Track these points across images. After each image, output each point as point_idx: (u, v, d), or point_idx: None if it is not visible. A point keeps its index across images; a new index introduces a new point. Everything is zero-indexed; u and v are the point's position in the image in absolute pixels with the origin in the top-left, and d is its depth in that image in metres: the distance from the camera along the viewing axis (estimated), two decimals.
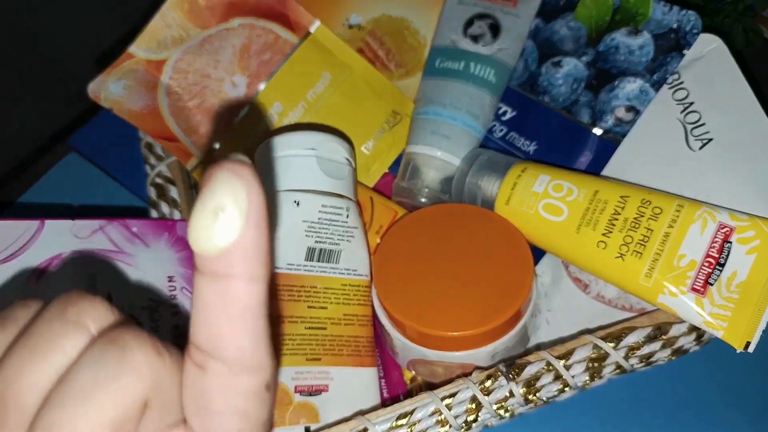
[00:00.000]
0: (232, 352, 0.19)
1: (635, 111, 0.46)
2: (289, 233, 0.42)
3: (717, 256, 0.39)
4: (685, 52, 0.45)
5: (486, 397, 0.38)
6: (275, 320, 0.40)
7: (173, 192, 0.51)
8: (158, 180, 0.52)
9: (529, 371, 0.39)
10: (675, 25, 0.46)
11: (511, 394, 0.39)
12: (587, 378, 0.39)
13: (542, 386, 0.39)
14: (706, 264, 0.38)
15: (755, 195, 0.42)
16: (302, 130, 0.45)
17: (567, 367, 0.39)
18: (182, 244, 0.46)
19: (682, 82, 0.45)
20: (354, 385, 0.41)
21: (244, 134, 0.51)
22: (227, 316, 0.19)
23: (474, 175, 0.46)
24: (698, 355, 0.42)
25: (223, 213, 0.18)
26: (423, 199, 0.49)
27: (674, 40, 0.46)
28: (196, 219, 0.18)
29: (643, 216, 0.40)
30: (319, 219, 0.42)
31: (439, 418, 0.38)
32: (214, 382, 0.19)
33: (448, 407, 0.38)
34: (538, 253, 0.45)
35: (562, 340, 0.42)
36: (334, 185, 0.43)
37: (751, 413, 0.49)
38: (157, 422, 0.19)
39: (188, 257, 0.45)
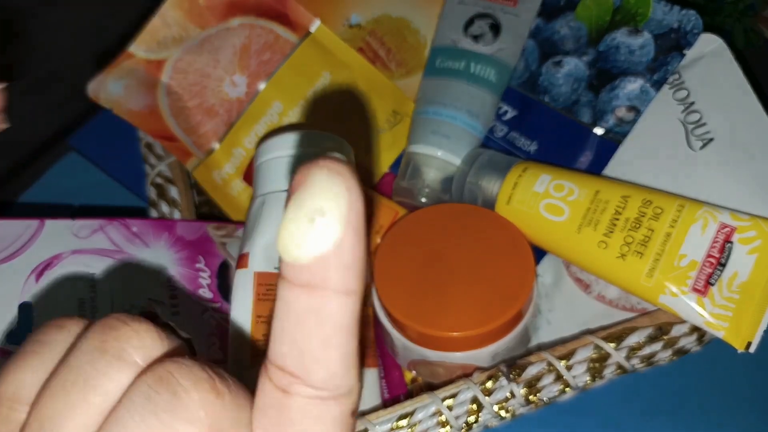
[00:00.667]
0: (322, 376, 0.17)
1: (636, 111, 0.46)
2: None
3: (718, 256, 0.39)
4: (685, 51, 0.45)
5: (487, 398, 0.38)
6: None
7: (173, 192, 0.51)
8: (158, 180, 0.52)
9: (530, 372, 0.39)
10: (675, 25, 0.46)
11: (512, 395, 0.39)
12: (588, 378, 0.39)
13: (543, 387, 0.39)
14: (708, 264, 0.38)
15: (756, 195, 0.42)
16: (302, 129, 0.45)
17: (568, 368, 0.39)
18: (182, 244, 0.45)
19: (682, 82, 0.45)
20: None
21: (244, 134, 0.51)
22: (320, 335, 0.17)
23: (475, 175, 0.46)
24: (699, 356, 0.42)
25: (322, 217, 0.16)
26: (423, 199, 0.49)
27: (675, 40, 0.46)
28: (289, 223, 0.16)
29: (644, 216, 0.40)
30: None
31: (440, 418, 0.38)
32: (300, 409, 0.17)
33: (449, 408, 0.38)
34: (539, 253, 0.45)
35: (563, 341, 0.42)
36: None
37: (752, 413, 0.49)
38: None
39: (188, 257, 0.45)
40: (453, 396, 0.38)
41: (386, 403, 0.41)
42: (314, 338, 0.17)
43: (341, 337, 0.17)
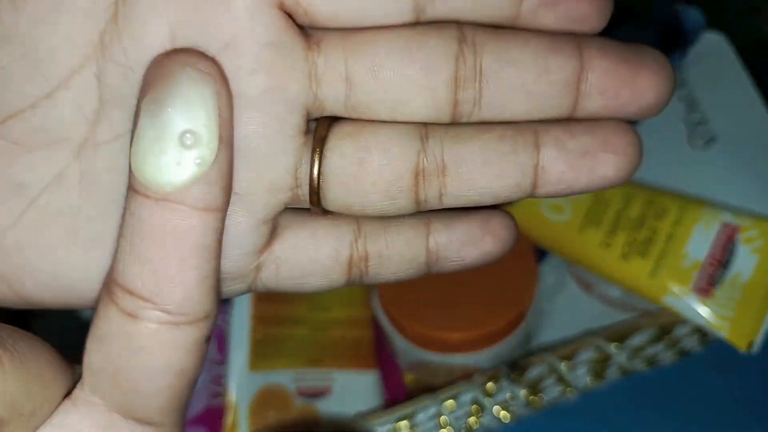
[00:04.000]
0: (177, 299, 0.15)
1: None
2: None
3: (721, 256, 0.38)
4: (688, 49, 0.45)
5: (488, 400, 0.38)
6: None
7: None
8: None
9: (532, 373, 0.39)
10: (678, 23, 0.46)
11: (514, 396, 0.38)
12: (590, 379, 0.39)
13: (545, 388, 0.39)
14: (710, 264, 0.38)
15: (759, 194, 0.42)
16: None
17: (570, 369, 0.39)
18: None
19: (685, 81, 0.45)
20: (355, 387, 0.41)
21: None
22: (178, 255, 0.15)
23: None
24: (701, 356, 0.42)
25: (193, 144, 0.15)
26: None
27: (677, 38, 0.45)
28: (152, 142, 0.15)
29: (646, 216, 0.40)
30: None
31: (440, 420, 0.37)
32: (150, 335, 0.15)
33: (450, 409, 0.38)
34: (541, 253, 0.45)
35: (564, 341, 0.41)
36: None
37: (755, 414, 0.49)
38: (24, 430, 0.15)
39: None
40: (453, 397, 0.38)
41: (387, 405, 0.41)
42: (171, 258, 0.15)
43: (201, 257, 0.15)
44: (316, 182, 0.17)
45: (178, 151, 0.15)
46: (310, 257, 0.18)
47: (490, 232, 0.19)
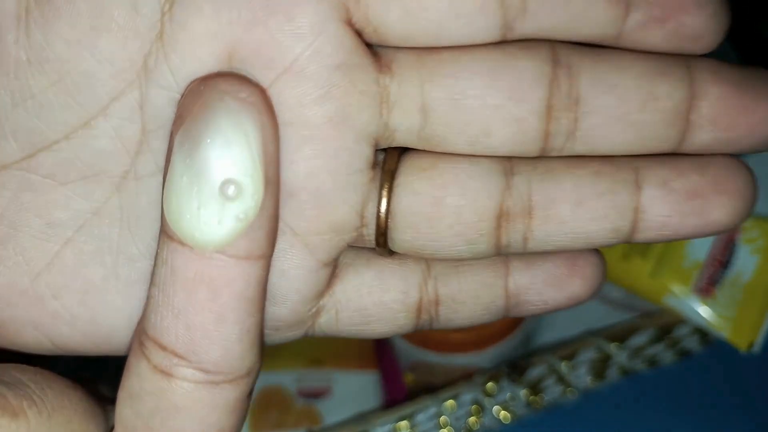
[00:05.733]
0: (215, 357, 0.14)
1: None
2: None
3: (722, 256, 0.38)
4: None
5: (488, 400, 0.38)
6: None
7: None
8: None
9: (532, 373, 0.39)
10: None
11: (514, 397, 0.38)
12: (590, 379, 0.39)
13: (545, 388, 0.39)
14: (711, 264, 0.38)
15: (760, 194, 0.42)
16: None
17: (570, 369, 0.39)
18: None
19: None
20: (355, 387, 0.41)
21: None
22: (215, 308, 0.14)
23: None
24: (702, 356, 0.42)
25: (235, 196, 0.13)
26: None
27: None
28: (187, 195, 0.13)
29: None
30: None
31: (440, 420, 0.37)
32: (187, 395, 0.14)
33: (450, 410, 0.38)
34: None
35: (565, 341, 0.41)
36: None
37: (756, 414, 0.49)
38: None
39: None
40: (454, 397, 0.38)
41: (386, 405, 0.41)
42: (208, 312, 0.13)
43: (242, 311, 0.14)
44: (384, 222, 0.15)
45: (218, 203, 0.13)
46: (375, 301, 0.16)
47: (578, 273, 0.17)
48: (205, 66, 0.14)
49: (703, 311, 0.38)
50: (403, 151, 0.16)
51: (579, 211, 0.15)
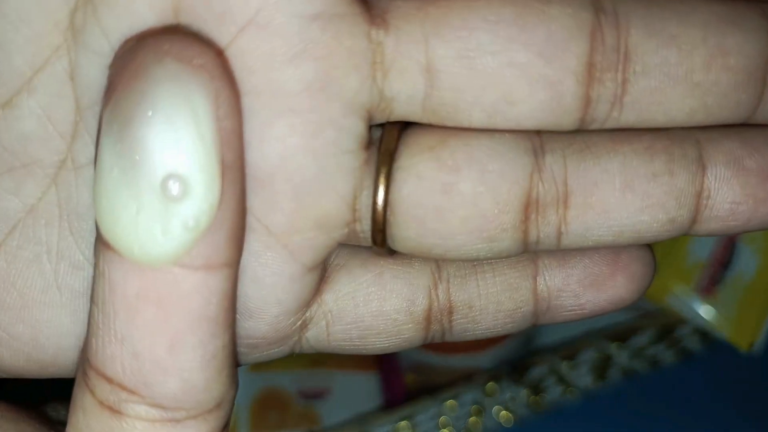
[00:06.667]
0: (173, 389, 0.11)
1: None
2: None
3: (723, 256, 0.38)
4: None
5: (488, 400, 0.38)
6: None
7: None
8: None
9: (533, 373, 0.39)
10: None
11: (515, 397, 0.38)
12: (592, 379, 0.39)
13: (546, 388, 0.39)
14: (712, 264, 0.38)
15: None
16: None
17: (571, 369, 0.39)
18: None
19: None
20: (355, 388, 0.41)
21: None
22: (168, 330, 0.10)
23: None
24: (702, 356, 0.42)
25: (182, 188, 0.10)
26: None
27: None
28: (119, 190, 0.10)
29: None
30: None
31: (441, 421, 0.37)
32: None
33: (450, 410, 0.37)
34: None
35: (566, 342, 0.41)
36: None
37: (756, 414, 0.49)
38: None
39: None
40: (454, 398, 0.38)
41: (386, 406, 0.41)
42: (157, 336, 0.10)
43: (203, 333, 0.11)
44: (381, 216, 0.12)
45: (161, 206, 0.10)
46: (373, 311, 0.13)
47: (622, 270, 0.14)
48: (146, 22, 0.11)
49: (704, 311, 0.38)
50: (403, 126, 0.13)
51: (627, 197, 0.12)
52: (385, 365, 0.45)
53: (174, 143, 0.10)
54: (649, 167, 0.12)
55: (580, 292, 0.14)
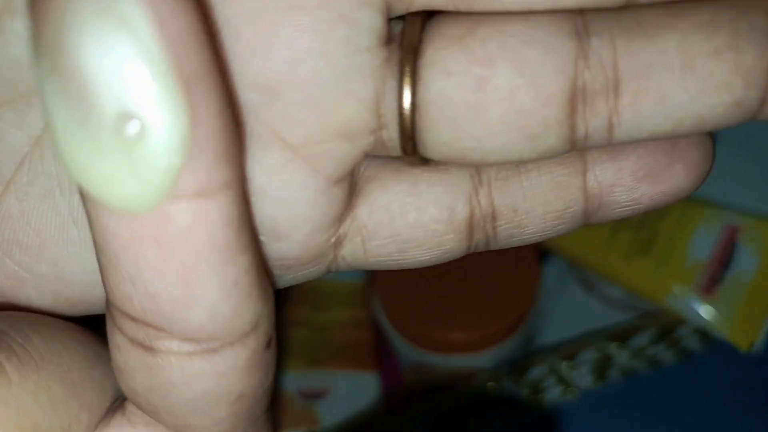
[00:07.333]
0: (197, 322, 0.10)
1: None
2: None
3: (723, 256, 0.38)
4: None
5: (488, 400, 0.38)
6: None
7: None
8: None
9: (533, 373, 0.39)
10: None
11: (515, 397, 0.38)
12: (592, 379, 0.39)
13: (546, 388, 0.39)
14: (712, 264, 0.38)
15: (761, 195, 0.42)
16: None
17: (571, 369, 0.39)
18: None
19: None
20: (355, 388, 0.41)
21: None
22: (175, 267, 0.09)
23: None
24: (703, 356, 0.42)
25: (138, 125, 0.08)
26: None
27: None
28: (74, 133, 0.08)
29: (648, 216, 0.40)
30: None
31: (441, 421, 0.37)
32: (179, 369, 0.10)
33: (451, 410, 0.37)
34: (543, 254, 0.45)
35: (566, 342, 0.41)
36: None
37: (756, 414, 0.49)
38: None
39: None
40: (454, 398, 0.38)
41: (386, 406, 0.41)
42: (167, 274, 0.09)
43: (216, 263, 0.10)
44: (409, 121, 0.11)
45: (124, 151, 0.08)
46: (411, 222, 0.12)
47: (680, 157, 0.12)
48: None
49: (704, 311, 0.38)
50: (427, 16, 0.11)
51: (687, 79, 0.11)
52: (385, 365, 0.45)
53: (112, 72, 0.08)
54: (711, 42, 0.11)
55: (635, 185, 0.12)
